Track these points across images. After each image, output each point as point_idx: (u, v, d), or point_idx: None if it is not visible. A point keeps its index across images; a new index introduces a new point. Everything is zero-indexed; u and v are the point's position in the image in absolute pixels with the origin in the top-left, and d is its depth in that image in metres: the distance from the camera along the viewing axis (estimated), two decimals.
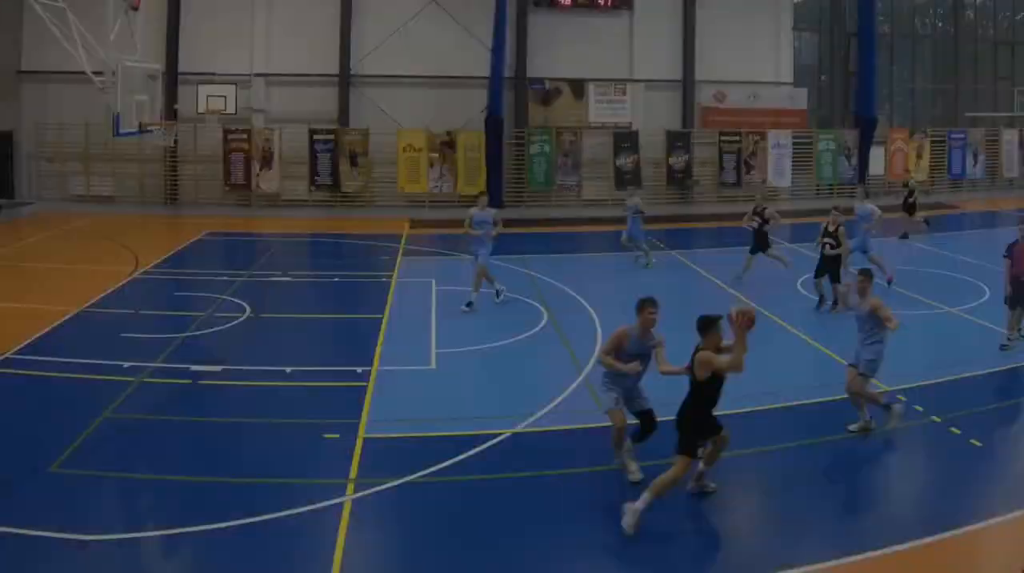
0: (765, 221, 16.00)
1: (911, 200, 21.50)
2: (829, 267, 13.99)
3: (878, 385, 9.74)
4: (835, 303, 13.47)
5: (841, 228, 13.97)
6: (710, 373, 7.01)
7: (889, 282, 15.12)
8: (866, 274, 9.29)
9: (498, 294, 14.48)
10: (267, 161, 25.90)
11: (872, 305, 8.94)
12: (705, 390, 7.11)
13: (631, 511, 6.87)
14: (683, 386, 7.35)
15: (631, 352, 7.77)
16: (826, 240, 13.95)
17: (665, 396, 7.79)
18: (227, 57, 25.77)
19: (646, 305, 7.77)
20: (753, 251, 16.18)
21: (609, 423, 7.97)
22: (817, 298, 14.27)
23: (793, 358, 11.93)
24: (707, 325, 7.10)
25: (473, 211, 14.75)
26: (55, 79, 25.42)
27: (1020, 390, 10.81)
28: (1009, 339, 11.80)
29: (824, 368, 11.40)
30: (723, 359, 6.98)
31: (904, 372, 10.49)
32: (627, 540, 6.92)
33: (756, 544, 7.18)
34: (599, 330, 13.01)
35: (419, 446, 6.74)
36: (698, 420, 7.18)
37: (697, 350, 7.12)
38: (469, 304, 13.98)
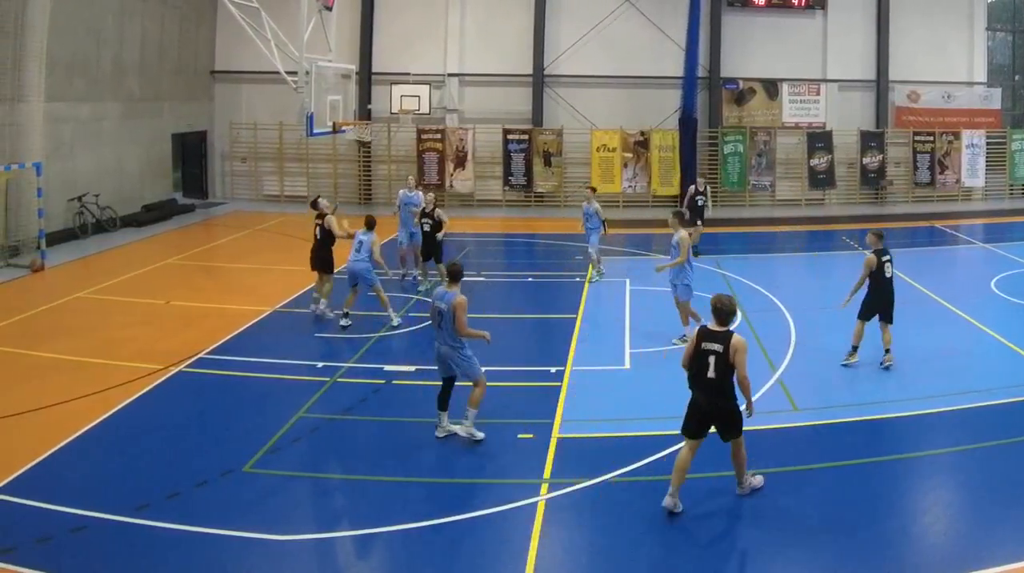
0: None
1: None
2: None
3: None
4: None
5: None
6: None
7: None
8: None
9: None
10: (461, 161, 25.90)
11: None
12: None
13: None
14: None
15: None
16: None
17: None
18: (420, 57, 25.91)
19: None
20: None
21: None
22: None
23: (987, 358, 11.60)
24: None
25: (402, 192, 15.74)
26: (248, 79, 25.79)
27: None
28: None
29: (1018, 368, 11.12)
30: None
31: None
32: (820, 540, 6.91)
33: (950, 543, 7.05)
34: (793, 330, 12.86)
35: (613, 446, 6.76)
36: None
37: None
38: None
